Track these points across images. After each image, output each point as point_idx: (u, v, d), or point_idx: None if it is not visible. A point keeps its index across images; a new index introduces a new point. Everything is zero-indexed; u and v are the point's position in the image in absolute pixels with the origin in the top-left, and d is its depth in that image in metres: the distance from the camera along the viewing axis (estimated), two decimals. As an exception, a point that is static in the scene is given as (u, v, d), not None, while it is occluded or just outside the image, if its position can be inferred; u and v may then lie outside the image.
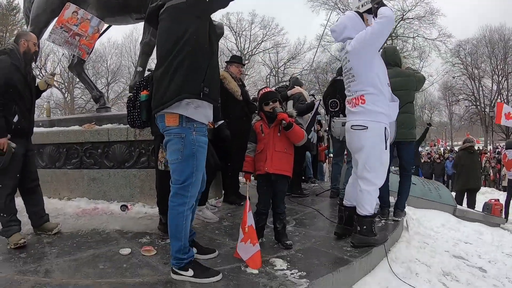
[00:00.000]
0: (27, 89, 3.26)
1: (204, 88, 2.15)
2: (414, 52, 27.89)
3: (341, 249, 2.88)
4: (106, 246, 3.04)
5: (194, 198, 2.34)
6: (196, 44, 2.16)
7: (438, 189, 5.97)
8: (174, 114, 2.18)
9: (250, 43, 31.14)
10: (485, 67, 31.64)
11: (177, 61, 2.15)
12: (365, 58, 2.82)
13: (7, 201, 3.14)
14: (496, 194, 10.64)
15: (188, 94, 2.14)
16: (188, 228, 2.33)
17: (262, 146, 2.93)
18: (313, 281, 2.26)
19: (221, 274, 2.31)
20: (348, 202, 3.17)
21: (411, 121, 3.88)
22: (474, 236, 4.66)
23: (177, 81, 2.14)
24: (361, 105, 2.86)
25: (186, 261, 2.30)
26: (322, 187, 5.80)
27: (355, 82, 2.88)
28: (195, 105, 2.19)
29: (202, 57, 2.19)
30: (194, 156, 2.22)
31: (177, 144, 2.21)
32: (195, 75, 2.16)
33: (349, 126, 2.97)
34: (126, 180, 4.44)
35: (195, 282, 2.25)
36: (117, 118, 4.81)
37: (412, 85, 3.89)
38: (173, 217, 2.27)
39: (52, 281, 2.35)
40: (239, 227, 2.70)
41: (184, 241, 2.28)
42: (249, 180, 3.04)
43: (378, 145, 2.88)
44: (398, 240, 3.59)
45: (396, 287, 2.66)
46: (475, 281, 3.04)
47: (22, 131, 3.24)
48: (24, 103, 3.24)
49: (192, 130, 2.21)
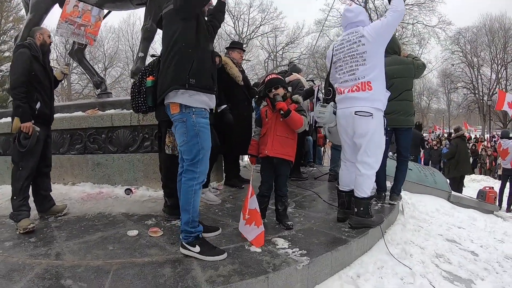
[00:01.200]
0: (46, 79, 3.47)
1: (190, 79, 2.44)
2: (413, 39, 27.79)
3: (340, 230, 2.99)
4: (113, 229, 3.13)
5: (203, 175, 2.52)
6: (182, 43, 2.48)
7: (434, 175, 6.05)
8: (175, 103, 2.48)
9: (249, 27, 30.74)
10: (484, 56, 31.55)
11: (169, 58, 2.49)
12: (379, 46, 2.92)
13: (25, 183, 3.28)
14: (491, 182, 10.76)
15: (176, 85, 2.45)
16: (197, 203, 2.50)
17: (265, 130, 3.02)
18: (313, 259, 2.39)
19: (226, 254, 2.44)
20: (345, 187, 3.25)
21: (409, 108, 3.88)
22: (468, 221, 4.73)
23: (169, 75, 2.48)
24: (368, 91, 2.89)
25: (194, 235, 2.47)
26: (321, 171, 5.88)
27: (365, 66, 2.89)
28: (189, 94, 2.47)
29: (188, 53, 2.47)
30: (197, 135, 2.48)
31: (182, 128, 2.49)
32: (182, 69, 2.45)
33: (351, 112, 2.94)
34: (130, 164, 4.51)
35: (202, 259, 2.38)
36: (120, 103, 4.85)
37: (410, 73, 3.88)
38: (184, 191, 2.48)
39: (64, 263, 2.43)
40: (241, 209, 2.81)
41: (192, 214, 2.46)
42: (254, 163, 3.19)
43: (379, 132, 2.97)
44: (393, 223, 3.70)
45: (391, 266, 2.77)
46: (467, 264, 3.14)
47: (44, 117, 3.43)
48: (45, 91, 3.45)
49: (192, 114, 2.47)
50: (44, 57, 3.50)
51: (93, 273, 2.25)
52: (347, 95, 2.99)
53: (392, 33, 3.08)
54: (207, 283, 2.07)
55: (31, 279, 2.19)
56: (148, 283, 2.10)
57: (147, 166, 4.43)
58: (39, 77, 3.37)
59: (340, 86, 3.08)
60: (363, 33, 2.90)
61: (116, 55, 31.51)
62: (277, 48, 30.95)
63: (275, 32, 31.02)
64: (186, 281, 2.10)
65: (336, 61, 3.11)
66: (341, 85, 3.07)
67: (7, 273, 2.29)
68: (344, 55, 3.02)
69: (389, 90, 3.75)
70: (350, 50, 2.97)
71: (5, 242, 2.86)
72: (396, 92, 3.76)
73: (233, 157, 4.84)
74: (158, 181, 3.94)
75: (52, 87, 3.62)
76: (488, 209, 6.09)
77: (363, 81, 2.90)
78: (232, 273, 2.19)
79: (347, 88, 3.00)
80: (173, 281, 2.11)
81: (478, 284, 2.81)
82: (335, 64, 3.13)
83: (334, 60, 3.13)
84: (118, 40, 32.00)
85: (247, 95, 4.62)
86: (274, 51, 30.81)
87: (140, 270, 2.27)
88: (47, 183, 3.64)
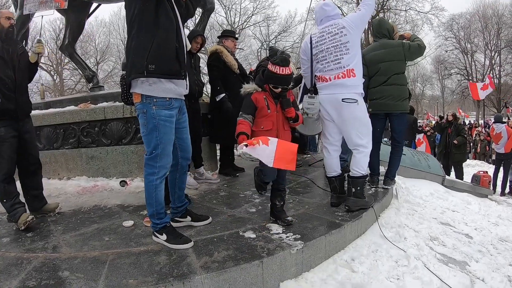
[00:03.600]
0: (7, 69, 3.08)
1: (149, 65, 2.22)
2: (406, 25, 27.63)
3: (333, 214, 3.02)
4: (109, 220, 3.14)
5: (164, 169, 2.44)
6: (139, 25, 2.24)
7: (428, 160, 6.08)
8: (136, 93, 2.33)
9: (241, 17, 30.42)
10: (478, 42, 31.56)
11: (128, 44, 2.30)
12: (357, 35, 3.08)
13: (4, 185, 3.09)
14: (485, 167, 10.86)
15: (134, 74, 2.27)
16: (160, 196, 2.45)
17: (270, 125, 2.66)
18: (307, 243, 2.41)
19: (192, 242, 2.45)
20: (333, 173, 3.31)
21: (400, 92, 3.81)
22: (462, 205, 4.77)
23: (129, 63, 2.29)
24: (352, 77, 3.02)
25: (160, 226, 2.49)
26: (315, 158, 5.90)
27: (349, 55, 3.02)
28: (149, 82, 2.29)
29: (145, 35, 2.25)
30: (156, 129, 2.34)
31: (142, 118, 2.37)
32: (139, 54, 2.25)
33: (337, 98, 3.04)
34: (124, 157, 4.51)
35: (168, 247, 2.43)
36: (112, 96, 4.83)
37: (398, 56, 3.79)
38: (145, 186, 2.44)
39: (61, 255, 2.44)
40: (235, 197, 2.81)
41: (156, 208, 2.45)
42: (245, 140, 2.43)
43: (365, 115, 3.14)
44: (387, 207, 3.74)
45: (386, 249, 2.81)
46: (461, 246, 3.18)
47: (8, 113, 3.08)
48: (4, 83, 3.05)
49: (152, 105, 2.32)
50: (3, 44, 3.09)
51: (90, 264, 2.27)
52: (334, 82, 3.09)
53: (366, 24, 3.24)
54: (202, 269, 2.09)
55: (29, 273, 2.20)
56: (144, 271, 2.11)
57: (141, 158, 4.33)
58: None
59: (325, 74, 3.15)
60: (343, 24, 3.04)
61: (108, 49, 31.20)
62: (270, 38, 30.76)
63: (267, 22, 30.87)
64: (182, 268, 2.12)
65: (317, 53, 3.18)
66: (325, 73, 3.15)
67: (5, 268, 2.30)
68: (327, 46, 3.11)
69: (376, 75, 3.79)
70: (333, 41, 3.08)
71: (3, 238, 2.86)
72: (383, 76, 3.81)
73: (227, 146, 4.85)
74: (152, 172, 3.95)
75: (16, 77, 3.13)
76: (482, 193, 6.14)
77: (348, 69, 3.04)
78: (226, 258, 2.21)
79: (332, 75, 3.09)
80: (168, 268, 2.13)
81: (472, 265, 2.84)
82: (317, 56, 3.19)
83: (315, 52, 3.20)
84: (109, 34, 31.72)
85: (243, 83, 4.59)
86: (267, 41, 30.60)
87: (136, 259, 2.29)
88: (36, 182, 3.39)
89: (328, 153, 3.29)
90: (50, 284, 2.05)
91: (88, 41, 29.44)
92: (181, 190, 2.80)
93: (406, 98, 3.89)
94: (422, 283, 2.42)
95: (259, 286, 2.17)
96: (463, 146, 8.97)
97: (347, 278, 2.39)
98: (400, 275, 2.49)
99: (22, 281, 2.09)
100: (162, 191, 2.46)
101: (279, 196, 2.83)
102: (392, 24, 4.09)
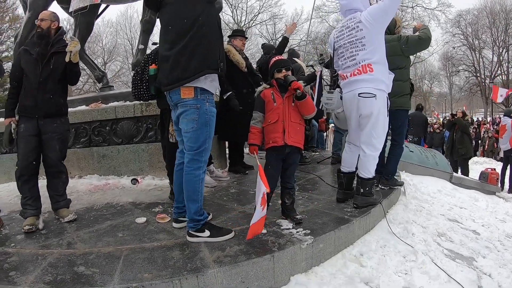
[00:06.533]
0: (36, 67, 3.10)
1: (220, 63, 2.44)
2: (413, 22, 27.45)
3: (342, 210, 3.06)
4: (122, 217, 3.19)
5: (205, 164, 2.52)
6: (210, 26, 2.41)
7: (435, 157, 6.07)
8: (189, 87, 2.37)
9: (247, 15, 30.43)
10: (485, 38, 31.16)
11: (195, 41, 2.35)
12: (378, 30, 2.93)
13: (19, 183, 3.11)
14: (493, 164, 10.77)
15: (209, 69, 2.39)
16: (203, 191, 2.53)
17: (276, 117, 2.69)
18: (317, 238, 2.46)
19: (233, 232, 2.53)
20: (346, 168, 3.32)
21: (397, 88, 3.49)
22: (469, 202, 4.77)
23: (198, 58, 2.35)
24: (369, 73, 2.93)
25: (202, 222, 2.51)
26: (323, 155, 5.93)
27: (365, 51, 2.94)
28: (210, 79, 2.44)
29: (215, 37, 2.45)
30: (207, 124, 2.44)
31: (193, 114, 2.40)
32: (213, 52, 2.41)
33: (355, 94, 2.99)
34: (135, 155, 4.58)
35: (211, 241, 2.45)
36: (122, 95, 4.90)
37: (394, 51, 3.54)
38: (190, 182, 2.46)
39: (75, 251, 2.47)
40: (245, 194, 2.86)
41: (200, 203, 2.49)
42: (256, 152, 2.74)
43: (383, 113, 3.01)
44: (395, 203, 3.77)
45: (394, 245, 2.84)
46: (468, 242, 3.20)
47: (26, 110, 3.12)
48: (30, 82, 3.11)
49: (206, 101, 2.43)
50: (34, 45, 3.16)
51: (105, 259, 2.31)
52: (350, 79, 3.04)
53: (391, 18, 3.05)
54: (215, 263, 2.14)
55: (45, 268, 2.23)
56: (158, 265, 2.16)
57: (152, 156, 4.49)
58: (24, 69, 3.13)
59: (343, 72, 3.12)
60: (360, 18, 2.93)
61: (115, 49, 31.36)
62: (277, 36, 30.67)
63: (273, 20, 30.80)
64: (195, 262, 2.16)
65: (337, 48, 3.15)
66: (344, 71, 3.12)
67: (20, 264, 2.32)
68: (344, 41, 3.06)
69: None
70: (349, 37, 3.01)
71: (17, 236, 2.88)
72: None
73: (237, 144, 4.91)
74: (163, 170, 4.00)
75: (42, 75, 3.11)
76: (490, 190, 6.10)
77: (363, 64, 2.95)
78: (238, 253, 2.26)
79: (349, 72, 3.04)
80: (182, 263, 2.18)
81: (479, 261, 2.86)
82: (337, 51, 3.16)
83: (336, 47, 3.17)
84: (116, 34, 31.86)
85: (251, 82, 4.66)
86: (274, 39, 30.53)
87: (150, 254, 2.34)
88: (54, 184, 3.29)
89: (349, 149, 3.30)
90: (66, 279, 2.08)
91: (95, 42, 29.60)
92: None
93: (404, 95, 3.75)
94: (430, 278, 2.44)
95: (270, 279, 2.22)
96: (466, 141, 8.94)
97: (356, 272, 2.43)
98: (408, 270, 2.53)
99: (38, 277, 2.12)
100: (204, 185, 2.54)
101: (288, 194, 2.83)
102: (395, 18, 3.89)
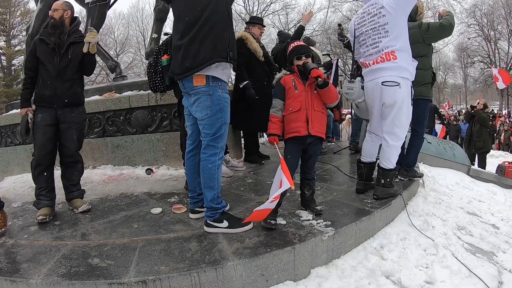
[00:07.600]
0: (54, 57, 3.12)
1: (229, 52, 2.42)
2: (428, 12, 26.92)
3: (362, 201, 2.99)
4: (137, 208, 3.17)
5: (222, 150, 2.51)
6: (220, 15, 2.41)
7: (453, 149, 5.96)
8: (201, 75, 2.38)
9: (259, 5, 30.05)
10: (501, 29, 30.33)
11: (204, 30, 2.36)
12: (400, 16, 2.82)
13: (35, 172, 3.13)
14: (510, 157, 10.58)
15: (219, 58, 2.38)
16: (220, 178, 2.50)
17: (298, 105, 2.60)
18: (338, 230, 2.41)
19: (252, 223, 2.48)
20: (366, 159, 3.25)
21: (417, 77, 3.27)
22: (488, 195, 4.68)
23: (208, 48, 2.36)
24: (393, 60, 2.84)
25: (220, 211, 2.48)
26: (339, 145, 5.86)
27: (388, 38, 2.84)
28: (222, 67, 2.43)
29: (225, 25, 2.44)
30: (222, 110, 2.44)
31: (206, 100, 2.41)
32: (222, 41, 2.40)
33: (378, 83, 2.90)
34: (149, 145, 4.55)
35: (229, 232, 2.41)
36: (136, 85, 4.88)
37: (415, 38, 3.41)
38: (206, 168, 2.44)
39: (90, 243, 2.46)
40: (262, 184, 2.80)
41: (217, 190, 2.46)
42: (277, 143, 2.65)
43: (407, 102, 2.92)
44: (415, 195, 3.69)
45: (414, 237, 2.79)
46: (488, 236, 3.12)
47: (44, 99, 3.13)
48: (48, 72, 3.11)
49: (218, 88, 2.43)
50: (50, 35, 3.16)
51: (120, 250, 2.29)
52: (373, 67, 2.95)
53: (414, 3, 2.92)
54: (234, 255, 2.10)
55: (58, 260, 2.22)
56: (175, 257, 2.13)
57: (167, 146, 4.46)
58: (41, 59, 3.11)
59: (366, 60, 3.03)
60: (382, 3, 2.83)
61: (127, 41, 31.55)
62: (289, 26, 30.33)
63: (286, 10, 30.44)
64: (213, 254, 2.13)
65: (358, 35, 3.06)
66: (366, 59, 3.03)
67: (34, 256, 2.32)
68: (366, 28, 2.97)
69: None
70: (371, 23, 2.92)
71: (30, 227, 2.88)
72: None
73: (252, 133, 4.86)
74: (178, 159, 3.98)
75: (60, 65, 3.13)
76: (507, 183, 5.97)
77: (387, 51, 2.85)
78: (258, 245, 2.22)
79: (372, 60, 2.96)
80: (200, 254, 2.14)
81: (499, 256, 2.79)
82: (358, 39, 3.07)
83: (357, 35, 3.08)
84: (128, 26, 32.03)
85: (268, 71, 4.58)
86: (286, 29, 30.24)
87: (166, 245, 2.31)
88: (69, 173, 3.31)
89: (370, 139, 3.24)
90: (80, 271, 2.06)
91: (107, 34, 29.76)
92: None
93: (425, 84, 3.63)
94: (451, 272, 2.39)
95: (290, 272, 2.18)
96: (485, 134, 8.77)
97: (377, 265, 2.38)
98: (429, 264, 2.48)
99: (51, 269, 2.11)
100: (221, 172, 2.53)
101: (307, 185, 2.79)
102: (418, 4, 3.76)
